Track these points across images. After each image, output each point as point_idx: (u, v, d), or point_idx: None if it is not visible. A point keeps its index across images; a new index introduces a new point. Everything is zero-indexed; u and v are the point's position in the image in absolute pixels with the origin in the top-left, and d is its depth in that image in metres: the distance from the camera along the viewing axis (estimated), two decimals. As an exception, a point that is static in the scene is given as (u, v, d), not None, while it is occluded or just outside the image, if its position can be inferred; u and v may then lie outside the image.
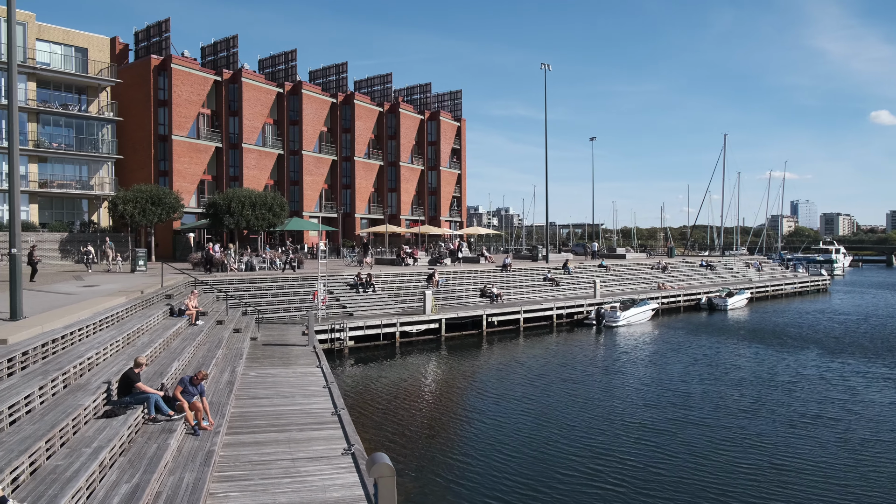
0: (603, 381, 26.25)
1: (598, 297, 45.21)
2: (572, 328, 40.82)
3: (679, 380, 26.32)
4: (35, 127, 47.08)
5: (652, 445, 17.85)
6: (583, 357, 31.76)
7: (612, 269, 55.18)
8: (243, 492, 11.09)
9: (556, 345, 35.54)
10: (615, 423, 20.11)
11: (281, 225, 50.91)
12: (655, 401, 22.94)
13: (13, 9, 15.21)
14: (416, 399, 23.74)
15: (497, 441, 18.35)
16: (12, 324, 14.59)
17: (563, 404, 22.52)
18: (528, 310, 40.21)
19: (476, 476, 15.66)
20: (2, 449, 8.83)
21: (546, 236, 62.60)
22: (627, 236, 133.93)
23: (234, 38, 61.68)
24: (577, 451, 17.38)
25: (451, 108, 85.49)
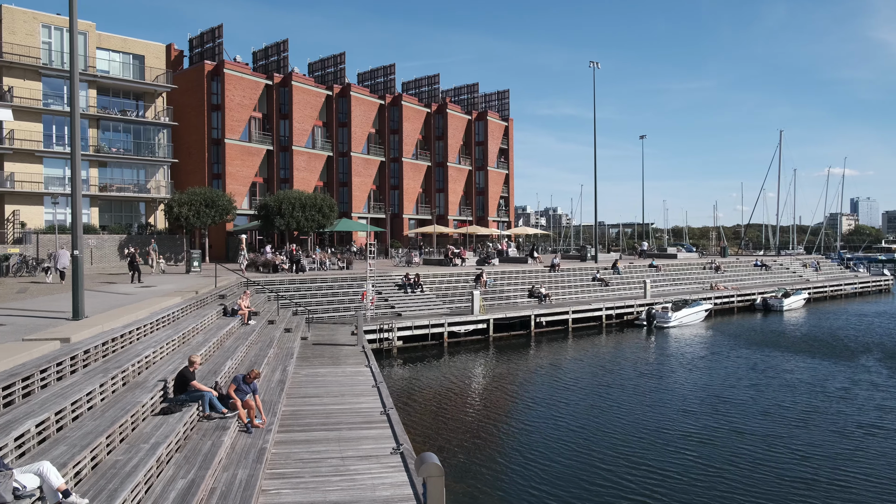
0: (653, 385, 25.80)
1: (649, 298, 44.51)
2: (622, 329, 40.27)
3: (731, 385, 25.64)
4: (95, 133, 48.70)
5: (700, 455, 17.35)
6: (633, 359, 31.30)
7: (662, 268, 54.26)
8: (294, 489, 11.27)
9: (605, 346, 35.12)
10: (665, 429, 19.66)
11: (330, 226, 51.54)
12: (706, 408, 22.41)
13: (75, 19, 15.75)
14: (463, 399, 23.76)
15: (545, 444, 18.22)
16: (74, 323, 15.11)
17: (613, 408, 22.22)
18: (576, 310, 39.84)
19: (523, 479, 15.59)
20: (65, 444, 9.15)
21: (595, 236, 61.94)
22: (679, 235, 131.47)
23: (284, 43, 62.71)
24: (625, 457, 17.05)
25: (498, 108, 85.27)
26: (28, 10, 45.29)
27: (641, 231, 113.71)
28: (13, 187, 44.40)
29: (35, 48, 45.18)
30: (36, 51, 45.24)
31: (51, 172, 46.56)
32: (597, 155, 57.49)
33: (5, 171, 44.41)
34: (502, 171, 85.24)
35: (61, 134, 46.86)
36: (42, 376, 10.88)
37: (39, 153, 45.64)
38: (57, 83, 46.78)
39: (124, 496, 8.45)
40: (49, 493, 7.63)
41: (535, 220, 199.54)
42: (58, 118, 46.66)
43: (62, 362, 11.66)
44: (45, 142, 46.09)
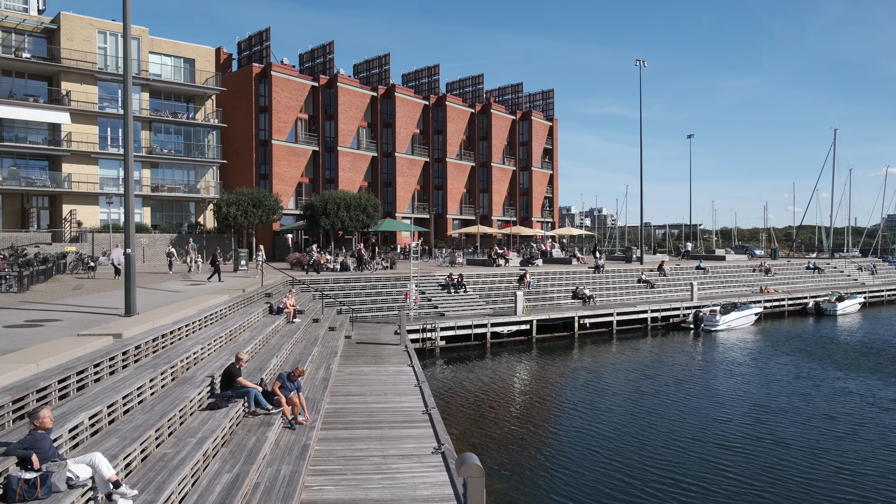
0: (699, 389, 25.34)
1: (696, 300, 43.71)
2: (668, 332, 39.63)
3: (777, 394, 24.87)
4: (148, 134, 50.03)
5: (743, 468, 16.88)
6: (678, 363, 30.78)
7: (710, 270, 53.20)
8: (336, 486, 11.40)
9: (650, 349, 34.62)
10: (708, 440, 19.11)
11: (374, 226, 51.96)
12: (749, 418, 21.85)
13: (129, 25, 16.22)
14: (505, 400, 23.70)
15: (587, 447, 18.06)
16: (127, 319, 15.55)
17: (656, 414, 21.85)
18: (621, 312, 39.36)
19: (564, 481, 15.48)
20: (117, 436, 9.43)
21: (640, 237, 61.11)
22: (727, 237, 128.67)
23: (329, 45, 63.46)
24: (664, 467, 16.61)
25: (542, 108, 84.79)
26: (85, 17, 46.82)
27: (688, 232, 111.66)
28: (70, 188, 45.91)
29: (91, 53, 46.64)
30: (92, 56, 46.70)
31: (106, 173, 48.01)
32: (643, 155, 56.75)
33: (63, 172, 45.95)
34: (547, 171, 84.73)
35: (116, 136, 48.28)
36: (95, 370, 11.22)
37: (95, 155, 47.10)
38: (112, 87, 48.21)
39: (172, 488, 8.67)
40: (101, 483, 7.87)
41: (579, 221, 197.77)
42: (112, 121, 48.09)
43: (114, 357, 12.01)
44: (100, 143, 47.55)
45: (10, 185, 44.29)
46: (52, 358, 10.66)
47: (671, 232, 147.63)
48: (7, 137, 44.83)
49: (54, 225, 46.35)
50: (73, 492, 7.52)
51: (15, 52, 44.62)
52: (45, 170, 46.53)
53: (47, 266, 29.69)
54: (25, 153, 45.59)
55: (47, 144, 45.89)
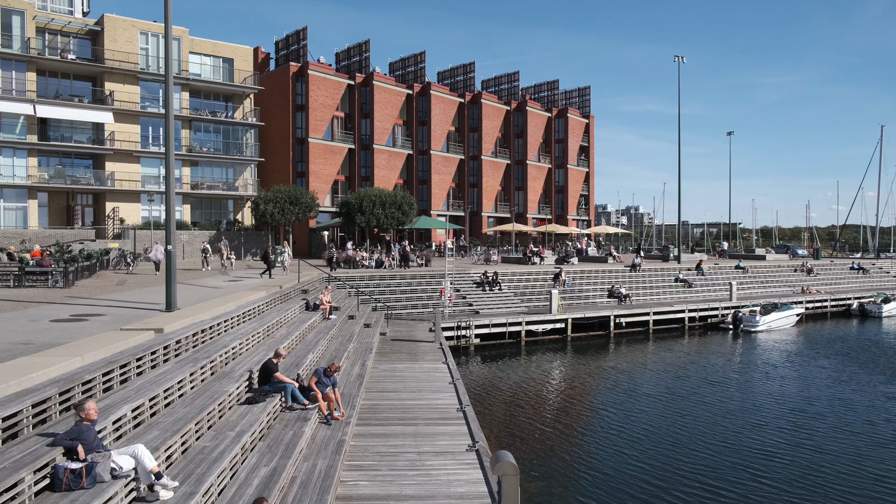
0: (737, 392, 24.92)
1: (735, 300, 42.97)
2: (706, 332, 39.05)
3: (817, 398, 24.36)
4: (188, 133, 50.94)
5: (784, 467, 16.65)
6: (716, 363, 30.32)
7: (749, 270, 52.24)
8: (371, 481, 11.49)
9: (687, 349, 34.16)
10: (746, 439, 18.85)
11: (410, 223, 52.14)
12: (786, 423, 21.44)
13: (170, 26, 16.52)
14: (540, 399, 23.61)
15: (621, 447, 17.91)
16: (168, 314, 15.86)
17: (691, 414, 21.57)
18: (658, 311, 38.90)
19: (597, 483, 15.36)
20: (158, 428, 9.63)
21: (678, 235, 60.25)
22: (768, 236, 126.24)
23: (366, 43, 63.83)
24: (701, 467, 16.39)
25: (579, 105, 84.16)
26: (128, 19, 47.84)
27: (727, 231, 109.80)
28: (113, 186, 46.99)
29: (133, 54, 47.64)
30: (134, 56, 47.70)
31: (147, 171, 49.02)
32: (681, 152, 55.97)
33: (106, 170, 47.03)
34: (582, 168, 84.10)
35: (157, 135, 49.26)
36: (138, 364, 11.47)
37: (137, 153, 48.12)
38: (153, 86, 49.20)
39: (211, 480, 8.83)
40: (143, 474, 8.06)
41: (615, 219, 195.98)
42: (153, 120, 49.08)
43: (156, 351, 12.26)
44: (142, 142, 48.56)
45: (56, 183, 45.49)
46: (96, 352, 10.93)
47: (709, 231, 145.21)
48: (53, 137, 46.06)
49: (98, 222, 47.49)
50: (116, 482, 7.71)
51: (61, 54, 45.79)
52: (89, 168, 47.69)
53: (91, 262, 30.41)
54: (71, 152, 46.79)
55: (91, 143, 47.01)
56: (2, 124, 43.53)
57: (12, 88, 43.34)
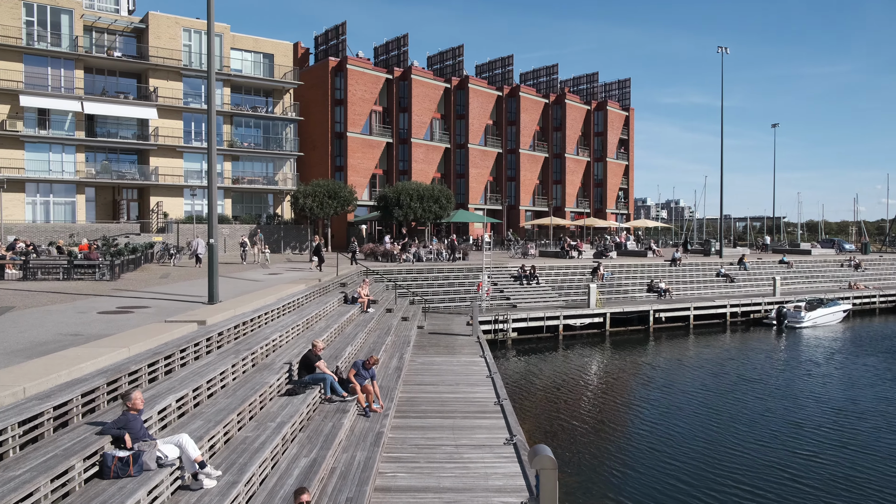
0: (781, 387, 24.45)
1: (778, 296, 42.08)
2: (748, 327, 38.34)
3: (861, 398, 23.78)
4: (229, 128, 51.70)
5: (826, 469, 16.24)
6: (760, 359, 29.76)
7: (794, 265, 51.08)
8: (410, 473, 11.57)
9: (729, 345, 33.60)
10: (789, 440, 18.45)
11: (447, 217, 52.19)
12: (836, 418, 20.95)
13: (212, 23, 16.78)
14: (578, 393, 23.47)
15: (660, 443, 17.71)
16: (210, 307, 16.17)
17: (731, 412, 21.18)
18: (698, 306, 38.31)
19: (637, 477, 15.24)
20: (201, 419, 9.85)
21: (720, 229, 59.18)
22: (813, 230, 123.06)
23: (404, 38, 63.97)
24: (740, 467, 16.05)
25: (618, 98, 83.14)
26: (171, 16, 48.68)
27: (771, 225, 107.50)
28: (157, 180, 47.97)
29: (177, 51, 48.48)
30: (177, 53, 48.54)
31: (190, 166, 49.91)
32: (723, 144, 54.97)
33: (150, 165, 48.02)
34: (622, 162, 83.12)
35: (199, 130, 50.10)
36: (181, 355, 11.73)
37: (180, 148, 49.02)
38: (196, 82, 50.02)
39: (253, 470, 9.00)
40: (187, 463, 8.25)
41: (655, 213, 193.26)
42: (196, 115, 49.90)
43: (199, 343, 12.52)
44: (184, 138, 49.43)
45: (102, 178, 46.60)
46: (142, 343, 11.21)
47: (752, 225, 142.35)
48: (100, 133, 47.17)
49: (142, 216, 48.55)
50: (162, 470, 7.91)
51: (107, 52, 46.84)
52: (134, 163, 48.74)
53: (136, 255, 31.14)
54: (116, 148, 47.87)
55: (136, 139, 48.03)
56: (52, 121, 44.75)
57: (61, 86, 44.50)
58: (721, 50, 53.32)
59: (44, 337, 12.11)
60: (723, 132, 55.29)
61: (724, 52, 53.40)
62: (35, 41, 43.61)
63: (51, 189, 45.00)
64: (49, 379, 8.67)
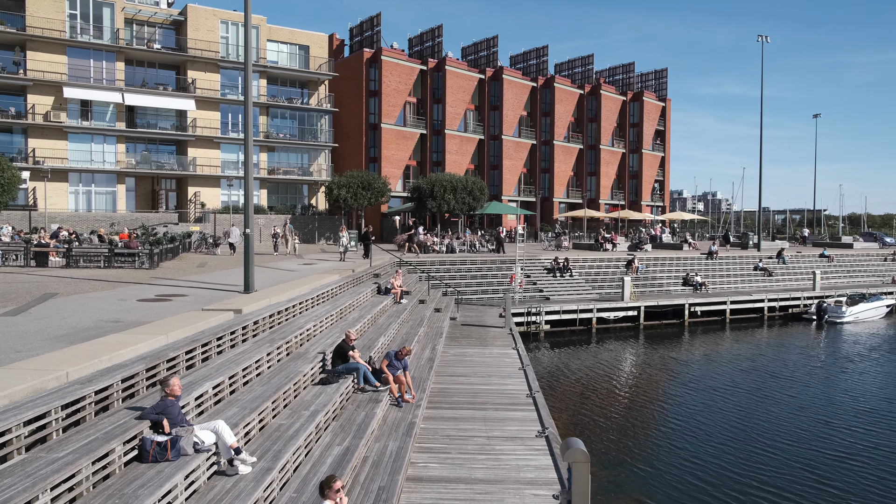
0: (821, 384, 23.97)
1: (819, 290, 41.20)
2: (786, 322, 37.64)
3: None
4: (265, 120, 52.24)
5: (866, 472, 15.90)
6: (798, 355, 29.20)
7: (835, 259, 49.95)
8: (441, 464, 11.62)
9: (767, 340, 33.05)
10: (828, 435, 18.07)
11: (480, 209, 52.12)
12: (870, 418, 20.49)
13: (249, 15, 16.93)
14: (611, 387, 23.30)
15: (694, 438, 17.48)
16: (246, 296, 16.39)
17: (772, 406, 20.83)
18: (735, 300, 37.71)
19: (671, 472, 15.08)
20: (237, 406, 10.00)
21: (758, 222, 58.08)
22: (856, 223, 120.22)
23: (438, 28, 63.85)
24: (775, 468, 15.69)
25: (655, 88, 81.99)
26: (209, 8, 49.26)
27: (811, 217, 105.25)
28: (195, 171, 48.72)
29: (214, 42, 49.09)
30: (215, 45, 49.15)
31: (226, 157, 50.59)
32: (763, 135, 53.91)
33: (188, 155, 48.79)
34: (658, 153, 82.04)
35: (236, 121, 50.73)
36: (218, 343, 11.92)
37: (217, 139, 49.70)
38: (233, 74, 50.62)
39: (287, 457, 9.12)
40: (223, 449, 8.39)
41: (691, 206, 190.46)
42: (233, 107, 50.52)
43: (235, 331, 12.70)
44: (222, 129, 50.10)
45: (142, 168, 47.49)
46: (180, 330, 11.41)
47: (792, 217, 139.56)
48: (140, 124, 48.04)
49: (180, 206, 49.38)
50: (199, 455, 8.05)
51: (147, 44, 47.62)
52: (172, 154, 49.56)
53: (174, 245, 31.69)
54: (156, 138, 48.72)
55: (175, 130, 48.81)
56: (94, 112, 45.70)
57: (103, 78, 45.39)
58: (761, 38, 52.22)
59: (86, 323, 12.40)
60: (762, 123, 54.24)
61: (764, 41, 52.30)
62: (78, 34, 44.54)
63: (92, 179, 46.00)
64: (91, 364, 8.88)
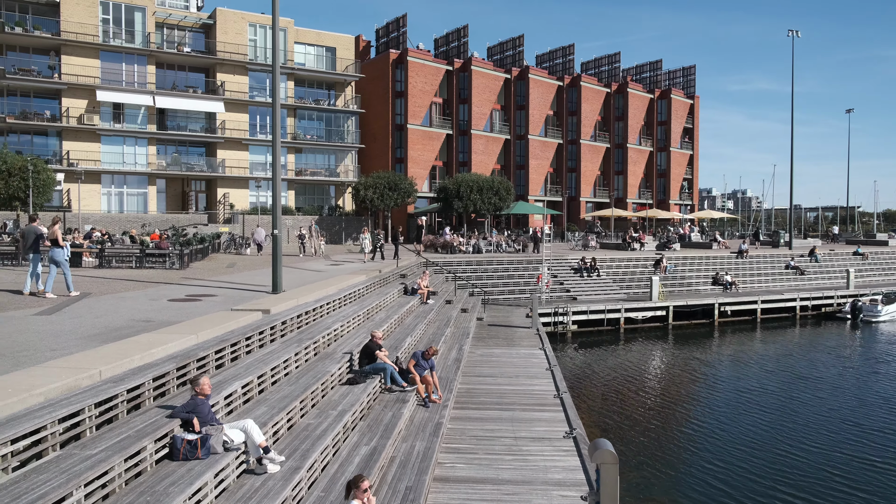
0: (855, 385, 23.49)
1: (852, 289, 40.41)
2: (819, 322, 36.97)
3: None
4: (292, 121, 52.66)
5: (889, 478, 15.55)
6: (832, 355, 28.65)
7: (869, 257, 48.97)
8: (468, 464, 11.60)
9: (799, 340, 32.48)
10: (861, 440, 17.70)
11: (507, 209, 51.99)
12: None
13: (277, 18, 17.07)
14: (639, 387, 23.09)
15: (725, 440, 17.23)
16: (274, 296, 16.52)
17: (801, 409, 20.45)
18: (766, 300, 37.13)
19: (698, 474, 14.88)
20: (265, 405, 10.08)
21: (790, 220, 57.12)
22: (891, 220, 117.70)
23: (464, 28, 63.82)
24: (811, 466, 15.46)
25: (683, 86, 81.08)
26: (238, 12, 49.81)
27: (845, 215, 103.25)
28: (224, 172, 49.27)
29: (243, 45, 49.61)
30: (244, 48, 49.67)
31: (255, 158, 51.11)
32: (794, 132, 52.94)
33: (218, 157, 49.35)
34: (686, 151, 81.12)
35: (264, 123, 51.22)
36: (247, 343, 12.02)
37: (246, 141, 50.23)
38: (261, 76, 51.12)
39: (315, 457, 9.17)
40: (252, 448, 8.47)
41: (720, 204, 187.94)
42: (261, 109, 51.01)
43: (263, 331, 12.81)
44: (250, 131, 50.63)
45: (172, 170, 48.16)
46: (209, 330, 11.53)
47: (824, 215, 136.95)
48: (170, 126, 48.73)
49: (210, 207, 49.99)
50: (228, 454, 8.14)
51: (177, 47, 48.29)
52: (202, 156, 50.20)
53: (204, 245, 32.06)
54: (186, 140, 49.38)
55: (204, 132, 49.43)
56: (126, 115, 46.46)
57: (134, 81, 46.14)
58: (792, 33, 51.36)
59: (118, 322, 12.60)
60: (793, 119, 53.32)
61: (794, 36, 51.43)
62: (111, 38, 45.31)
63: (124, 180, 46.76)
64: (123, 363, 9.02)
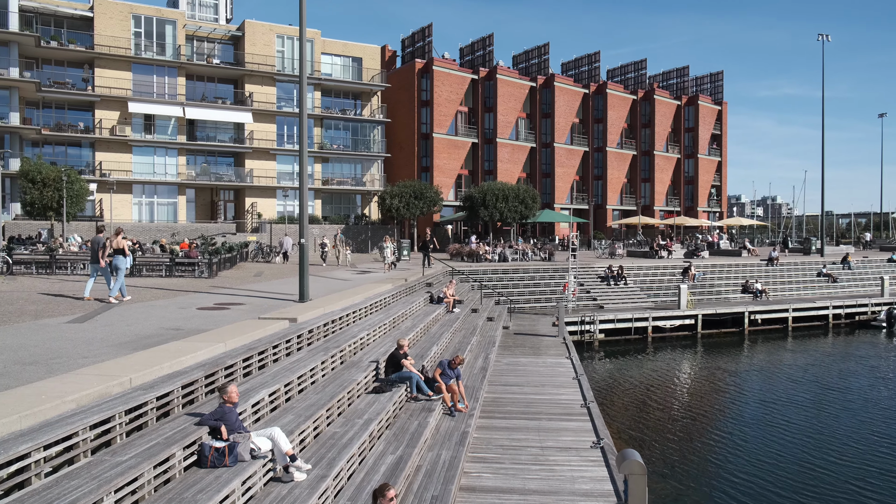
0: (888, 397, 22.95)
1: (888, 296, 39.59)
2: (853, 330, 36.25)
3: None
4: (319, 131, 53.13)
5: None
6: (867, 364, 28.05)
7: (905, 265, 47.93)
8: (495, 474, 11.54)
9: (832, 349, 31.86)
10: (894, 454, 17.37)
11: (533, 217, 51.85)
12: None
13: (304, 30, 17.25)
14: (668, 397, 22.81)
15: (752, 453, 16.90)
16: (301, 305, 16.63)
17: (833, 421, 20.00)
18: (797, 308, 36.51)
19: (726, 487, 14.61)
20: (292, 413, 10.14)
21: (821, 226, 56.19)
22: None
23: (489, 37, 63.94)
24: (843, 480, 15.10)
25: (710, 92, 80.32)
26: (266, 23, 50.46)
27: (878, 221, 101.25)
28: (252, 182, 49.83)
29: (271, 56, 50.22)
30: (272, 59, 50.28)
31: (282, 168, 51.62)
32: (825, 137, 52.15)
33: (246, 167, 49.94)
34: (714, 158, 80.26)
35: (291, 133, 51.75)
36: (274, 351, 12.11)
37: (273, 151, 50.77)
38: (288, 87, 51.68)
39: (341, 465, 9.19)
40: (279, 455, 8.52)
41: (750, 211, 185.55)
42: (288, 119, 51.55)
43: (290, 340, 12.89)
44: (277, 141, 51.17)
45: (202, 180, 48.83)
46: (237, 338, 11.64)
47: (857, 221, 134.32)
48: (200, 137, 49.45)
49: (238, 216, 50.56)
50: (255, 462, 8.19)
51: (207, 59, 49.05)
52: (230, 166, 50.82)
53: (232, 254, 32.43)
54: (215, 151, 50.05)
55: (233, 142, 50.07)
56: (156, 126, 47.25)
57: (165, 92, 46.93)
58: (822, 37, 50.67)
59: (148, 330, 12.77)
60: (823, 123, 52.53)
61: (825, 40, 50.73)
62: (142, 51, 46.15)
63: (155, 190, 47.50)
64: (153, 371, 9.13)
